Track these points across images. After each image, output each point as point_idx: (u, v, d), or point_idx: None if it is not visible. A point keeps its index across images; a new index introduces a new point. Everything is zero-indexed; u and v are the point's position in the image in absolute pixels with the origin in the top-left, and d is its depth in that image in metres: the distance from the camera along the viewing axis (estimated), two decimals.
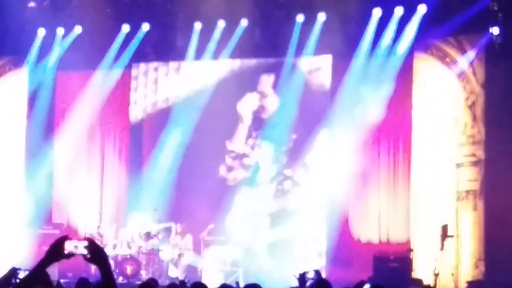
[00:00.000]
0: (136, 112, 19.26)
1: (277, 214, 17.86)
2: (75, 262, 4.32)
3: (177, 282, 9.95)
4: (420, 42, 17.04)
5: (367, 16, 17.14)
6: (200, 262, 17.64)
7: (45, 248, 4.21)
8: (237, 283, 12.14)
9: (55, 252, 4.13)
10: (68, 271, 14.75)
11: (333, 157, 17.47)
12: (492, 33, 15.95)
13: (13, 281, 4.23)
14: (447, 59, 16.86)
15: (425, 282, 14.83)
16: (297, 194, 17.76)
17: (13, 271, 4.28)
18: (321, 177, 17.60)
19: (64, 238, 4.16)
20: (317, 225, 17.46)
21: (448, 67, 16.82)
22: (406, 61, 17.11)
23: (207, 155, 18.23)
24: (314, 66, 18.06)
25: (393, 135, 17.46)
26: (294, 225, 17.61)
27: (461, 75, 16.67)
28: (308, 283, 11.55)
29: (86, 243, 4.09)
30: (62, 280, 10.60)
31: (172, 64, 18.97)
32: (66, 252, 4.11)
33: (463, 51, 16.63)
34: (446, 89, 16.82)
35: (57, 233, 18.07)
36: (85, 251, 4.08)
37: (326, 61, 17.92)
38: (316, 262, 16.63)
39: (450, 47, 16.81)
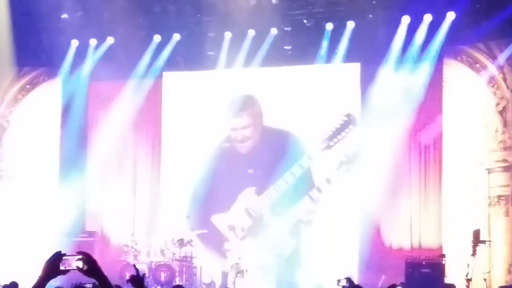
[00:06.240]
0: (168, 120, 19.46)
1: (309, 221, 17.95)
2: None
3: None
4: (450, 48, 17.07)
5: (396, 23, 17.22)
6: (232, 268, 17.73)
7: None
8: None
9: (51, 269, 4.25)
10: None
11: (364, 164, 17.53)
12: None
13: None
14: (477, 65, 16.89)
15: None
16: (329, 201, 17.83)
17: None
18: (353, 184, 17.67)
19: (59, 255, 4.29)
20: (349, 232, 17.50)
21: (478, 73, 16.85)
22: (435, 67, 17.14)
23: (240, 162, 18.41)
24: (343, 74, 18.15)
25: (423, 141, 17.47)
26: (326, 232, 17.67)
27: (491, 81, 16.70)
28: None
29: (80, 257, 4.23)
30: None
31: (203, 73, 19.15)
32: (62, 267, 4.25)
33: (492, 57, 16.66)
34: (476, 95, 16.84)
35: (92, 240, 18.35)
36: (80, 265, 4.21)
37: (355, 68, 18.02)
38: (348, 268, 16.69)
39: (480, 52, 16.84)
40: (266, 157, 18.26)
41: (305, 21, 18.01)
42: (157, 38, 18.90)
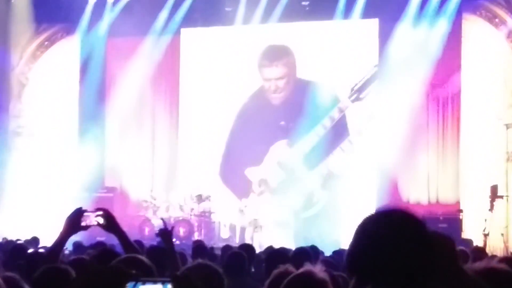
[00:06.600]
0: (186, 76, 19.47)
1: (326, 177, 17.99)
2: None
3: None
4: (469, 3, 16.93)
5: None
6: (250, 224, 17.85)
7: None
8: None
9: (72, 225, 4.34)
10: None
11: (382, 119, 17.52)
12: None
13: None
14: (496, 20, 16.75)
15: (475, 243, 14.88)
16: (347, 157, 17.85)
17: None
18: (371, 139, 17.68)
19: (80, 211, 4.37)
20: (367, 187, 17.54)
21: (497, 28, 16.73)
22: (454, 22, 17.02)
23: (258, 118, 18.40)
24: (361, 29, 18.06)
25: (442, 96, 17.43)
26: (344, 188, 17.71)
27: (510, 36, 16.57)
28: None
29: (100, 213, 4.31)
30: None
31: (221, 29, 19.08)
32: (82, 223, 4.33)
33: None
34: (495, 50, 16.73)
35: (111, 196, 18.49)
36: (100, 221, 4.29)
37: (373, 24, 17.91)
38: None
39: (499, 7, 16.70)
40: (298, 109, 18.13)
41: None
42: None
